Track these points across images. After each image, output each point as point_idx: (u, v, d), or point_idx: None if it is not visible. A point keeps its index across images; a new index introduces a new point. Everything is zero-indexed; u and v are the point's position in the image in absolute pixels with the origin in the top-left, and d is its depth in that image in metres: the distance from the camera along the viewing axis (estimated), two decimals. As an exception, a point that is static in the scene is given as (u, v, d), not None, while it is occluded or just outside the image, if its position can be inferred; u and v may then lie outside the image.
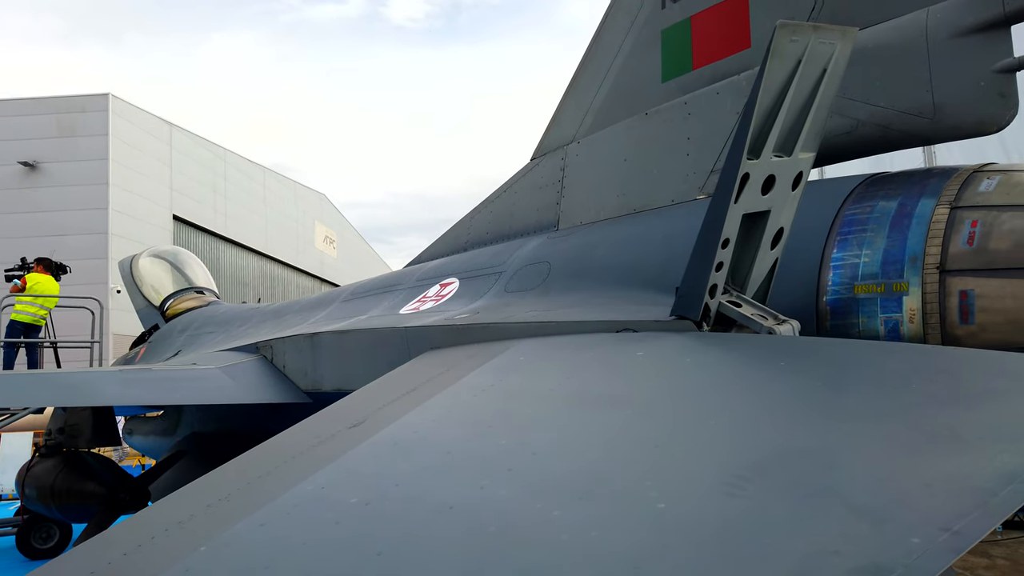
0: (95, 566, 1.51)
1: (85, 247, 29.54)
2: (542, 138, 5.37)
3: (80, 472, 5.62)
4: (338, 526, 1.46)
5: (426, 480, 1.68)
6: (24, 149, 32.22)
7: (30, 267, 12.71)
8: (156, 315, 10.42)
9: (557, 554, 1.18)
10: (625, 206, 4.48)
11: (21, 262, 12.93)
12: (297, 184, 52.23)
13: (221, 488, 1.90)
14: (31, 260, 12.84)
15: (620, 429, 1.83)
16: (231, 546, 1.45)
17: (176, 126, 37.60)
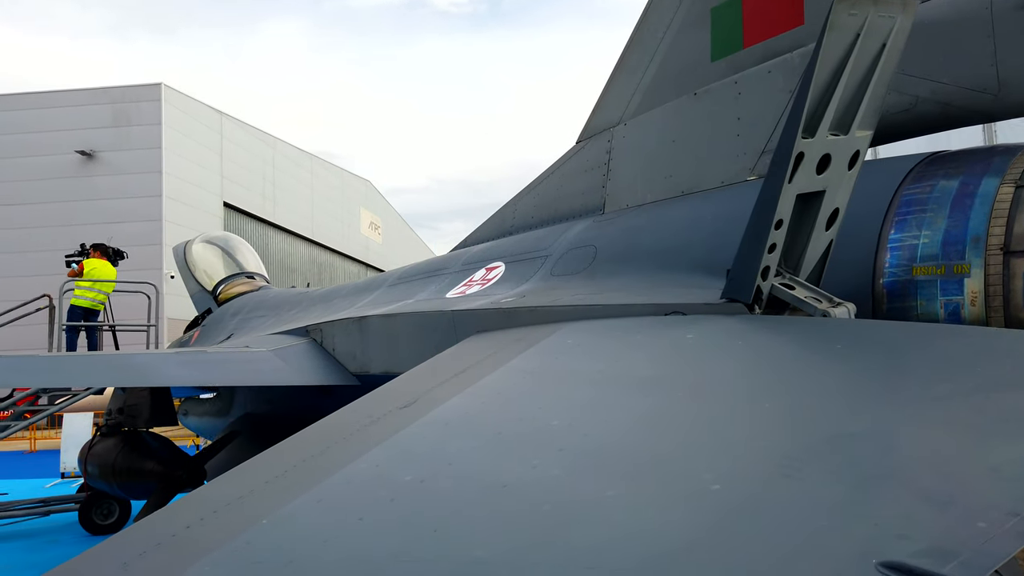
0: (161, 538, 1.56)
1: (140, 234, 30.36)
2: (588, 120, 5.33)
3: (139, 451, 5.82)
4: (393, 503, 1.48)
5: (478, 459, 1.69)
6: (81, 138, 33.22)
7: (87, 253, 13.12)
8: (209, 299, 10.68)
9: (612, 532, 1.18)
10: (673, 188, 4.42)
11: (80, 248, 13.37)
12: (343, 171, 52.85)
13: (279, 465, 1.95)
14: (89, 246, 13.25)
15: (671, 411, 1.81)
16: (290, 520, 1.49)
17: (226, 114, 38.30)
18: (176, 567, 1.38)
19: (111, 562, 1.50)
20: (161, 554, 1.49)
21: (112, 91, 33.88)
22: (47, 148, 33.21)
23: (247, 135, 40.38)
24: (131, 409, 6.11)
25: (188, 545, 1.51)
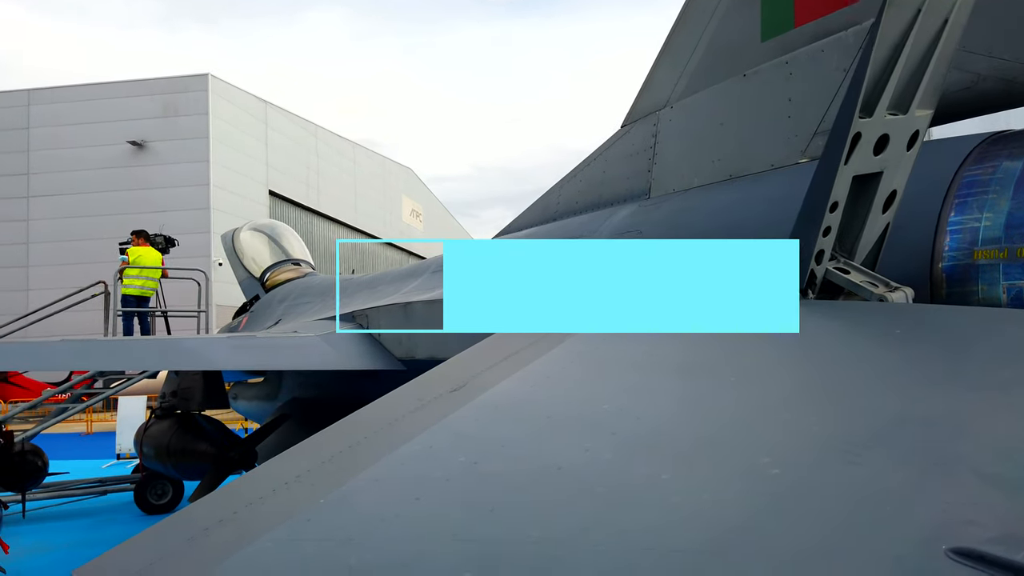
0: (223, 515, 1.61)
1: (188, 222, 31.10)
2: (633, 104, 5.27)
3: (193, 432, 5.99)
4: (448, 483, 1.50)
5: (530, 442, 1.70)
6: (132, 129, 34.10)
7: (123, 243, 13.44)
8: (257, 286, 10.89)
9: (670, 515, 1.17)
10: (721, 172, 4.36)
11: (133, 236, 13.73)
12: (385, 159, 53.26)
13: (333, 446, 1.98)
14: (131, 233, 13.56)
15: (724, 396, 1.79)
16: (348, 499, 1.51)
17: (271, 104, 38.90)
18: (239, 543, 1.41)
19: (177, 536, 1.55)
20: (224, 530, 1.52)
21: (161, 82, 34.66)
22: (100, 139, 34.17)
23: (291, 124, 40.96)
24: (184, 392, 6.29)
25: (250, 522, 1.54)
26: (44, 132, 34.71)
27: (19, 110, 34.93)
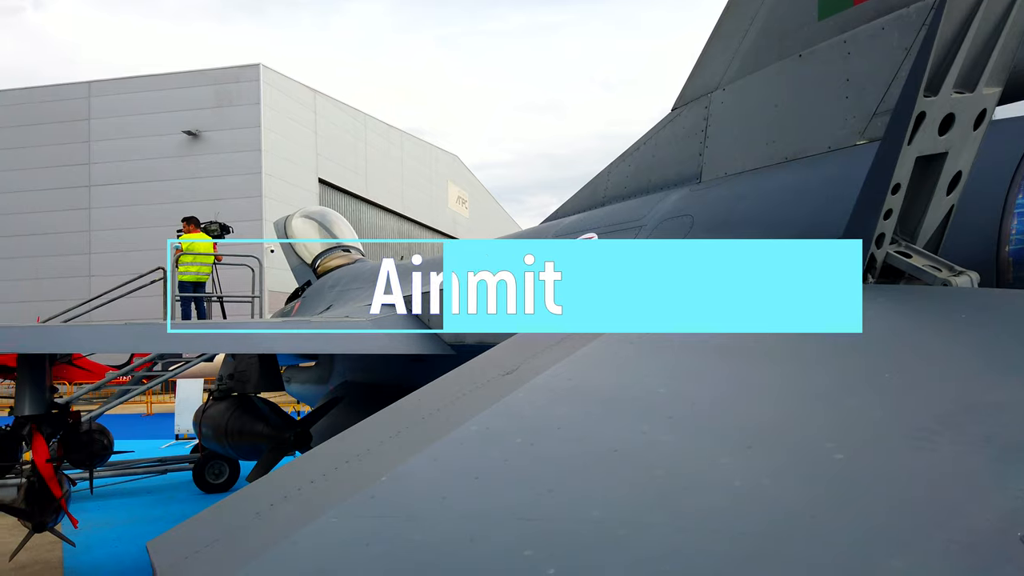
0: (288, 491, 1.66)
1: (241, 210, 31.80)
2: (684, 87, 5.19)
3: (250, 414, 6.16)
4: (506, 463, 1.52)
5: (586, 424, 1.70)
6: (187, 119, 34.94)
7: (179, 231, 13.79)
8: (308, 272, 11.09)
9: (731, 499, 1.17)
10: (775, 155, 4.27)
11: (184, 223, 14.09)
12: (431, 146, 53.53)
13: (391, 426, 2.02)
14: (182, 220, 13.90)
15: (783, 381, 1.77)
16: (409, 478, 1.54)
17: (320, 93, 39.40)
18: (304, 518, 1.46)
19: (245, 511, 1.60)
20: (289, 506, 1.57)
21: (214, 73, 35.40)
22: (156, 129, 35.11)
23: (340, 112, 41.43)
24: (241, 375, 6.47)
25: (313, 498, 1.59)
26: (104, 123, 35.82)
27: (80, 102, 36.10)
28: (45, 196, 35.82)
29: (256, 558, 1.30)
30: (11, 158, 36.15)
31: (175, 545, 1.50)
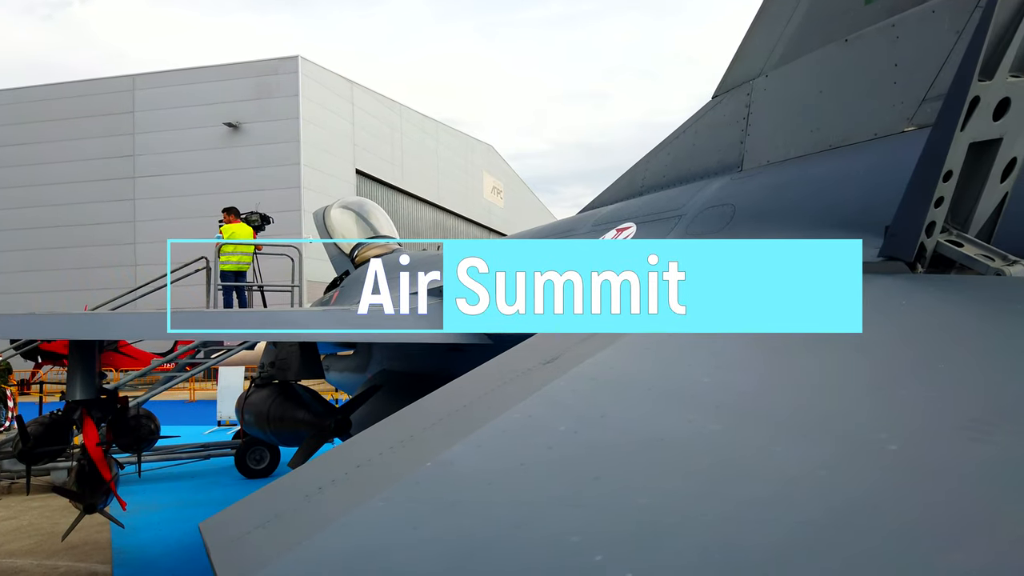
0: (334, 476, 1.68)
1: (280, 200, 32.23)
2: (725, 74, 5.11)
3: (291, 401, 6.26)
4: (551, 451, 1.52)
5: (630, 413, 1.70)
6: (227, 111, 35.51)
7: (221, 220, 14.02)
8: (347, 262, 11.21)
9: (784, 487, 1.16)
10: (819, 142, 4.18)
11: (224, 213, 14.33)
12: (467, 136, 53.60)
13: (434, 413, 2.03)
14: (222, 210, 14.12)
15: (832, 371, 1.75)
16: (454, 464, 1.56)
17: (357, 84, 39.71)
18: (352, 502, 1.48)
19: (294, 494, 1.64)
20: (337, 490, 1.60)
21: (254, 65, 35.89)
22: (198, 121, 35.75)
23: (377, 103, 41.69)
24: (282, 363, 6.58)
25: (360, 483, 1.61)
26: (148, 116, 36.56)
27: (125, 95, 36.90)
28: (92, 187, 36.76)
29: (305, 540, 1.33)
30: (59, 150, 37.14)
31: (227, 526, 1.54)
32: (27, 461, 6.03)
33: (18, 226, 37.48)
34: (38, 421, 6.13)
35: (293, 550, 1.29)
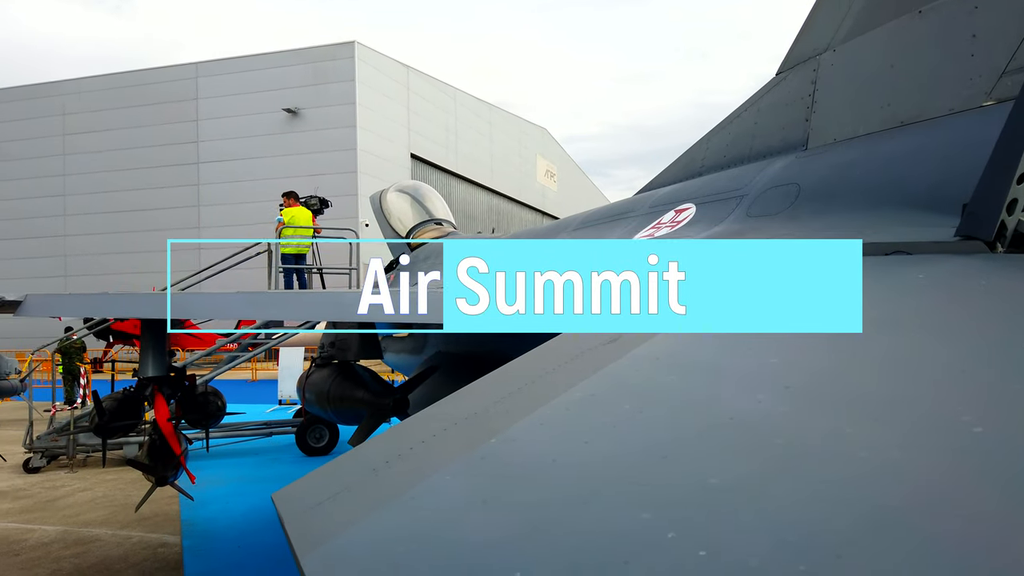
0: (401, 450, 1.71)
1: (337, 185, 32.74)
2: (790, 50, 4.96)
3: (351, 380, 6.39)
4: (616, 429, 1.51)
5: (697, 393, 1.68)
6: (286, 97, 36.18)
7: (281, 204, 14.31)
8: (402, 245, 11.34)
9: (860, 468, 1.13)
10: (890, 119, 4.03)
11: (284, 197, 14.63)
12: (520, 119, 53.42)
13: (496, 391, 2.05)
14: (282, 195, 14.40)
15: (907, 352, 1.69)
16: (518, 440, 1.57)
17: (412, 68, 39.95)
18: (419, 475, 1.50)
19: (362, 468, 1.67)
20: (403, 463, 1.63)
21: (311, 51, 36.43)
22: (258, 107, 36.53)
23: (431, 87, 41.88)
24: (342, 343, 6.71)
25: (426, 457, 1.64)
26: (210, 103, 37.52)
27: (188, 82, 37.93)
28: (159, 173, 38.00)
29: (375, 511, 1.36)
30: (125, 137, 38.48)
31: (298, 497, 1.58)
32: (103, 435, 6.31)
33: (95, 211, 39.07)
34: (112, 397, 6.41)
35: (363, 520, 1.32)
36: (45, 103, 40.02)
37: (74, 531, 8.35)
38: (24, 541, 8.00)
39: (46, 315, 5.13)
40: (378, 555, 1.19)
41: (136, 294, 5.94)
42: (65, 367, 19.06)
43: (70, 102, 39.64)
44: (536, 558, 1.05)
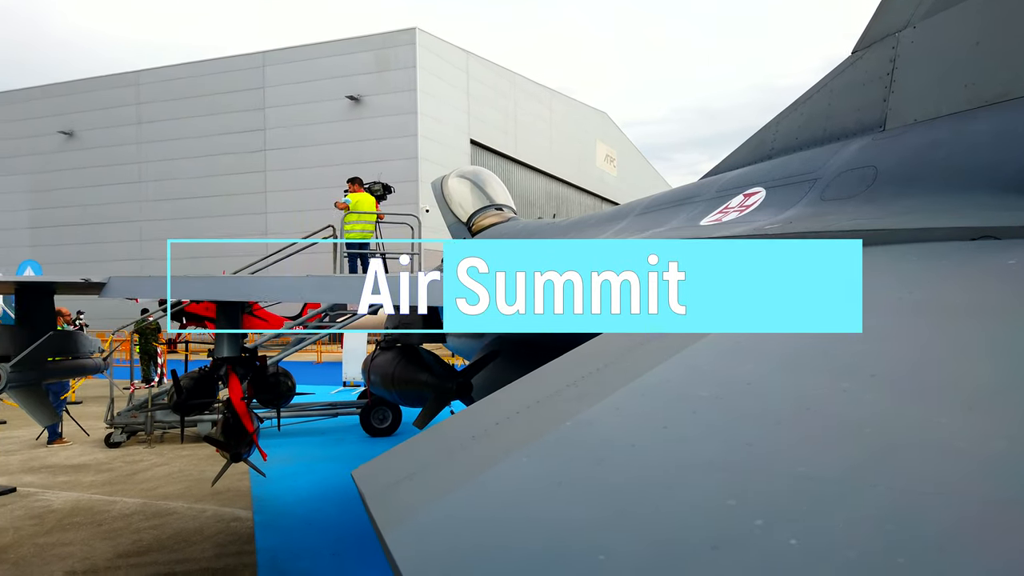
0: (474, 432, 1.73)
1: (398, 171, 33.17)
2: (866, 29, 4.78)
3: (415, 363, 6.47)
4: (695, 415, 1.50)
5: (777, 380, 1.65)
6: (349, 84, 36.72)
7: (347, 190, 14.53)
8: (464, 230, 11.41)
9: (957, 460, 1.09)
10: (975, 98, 3.84)
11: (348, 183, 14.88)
12: (580, 104, 52.97)
13: (566, 376, 2.04)
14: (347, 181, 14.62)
15: (1000, 339, 1.62)
16: (593, 424, 1.57)
17: (472, 54, 40.01)
18: (495, 456, 1.52)
19: (438, 448, 1.70)
20: (479, 445, 1.65)
21: (374, 38, 36.85)
22: (322, 95, 37.19)
23: (491, 73, 41.88)
24: (406, 326, 6.81)
25: (501, 439, 1.65)
26: (276, 91, 38.38)
27: (255, 71, 38.87)
28: (226, 160, 39.14)
29: (454, 490, 1.38)
30: (196, 125, 39.70)
31: (378, 475, 1.62)
32: (181, 412, 6.57)
33: (165, 197, 40.57)
34: (189, 376, 6.66)
35: (443, 499, 1.34)
36: (122, 92, 41.67)
37: (152, 503, 8.75)
38: (107, 512, 8.43)
39: (127, 296, 5.36)
40: (461, 533, 1.20)
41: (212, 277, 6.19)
42: (142, 347, 19.92)
43: (145, 91, 41.13)
44: (620, 541, 1.05)
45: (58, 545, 7.24)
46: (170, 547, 7.15)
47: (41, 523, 8.00)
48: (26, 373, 4.92)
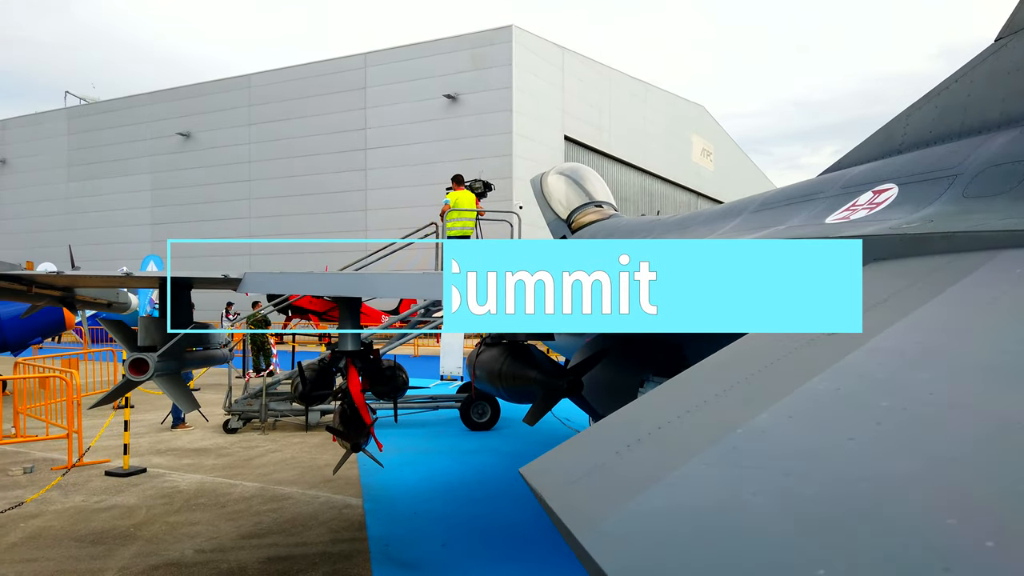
0: (638, 435, 1.74)
1: (493, 168, 33.46)
2: (1014, 12, 4.48)
3: (523, 360, 6.52)
4: (881, 427, 1.45)
5: (964, 391, 1.57)
6: (446, 83, 37.34)
7: (449, 188, 14.79)
8: (563, 227, 11.41)
9: None
10: None
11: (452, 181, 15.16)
12: (676, 97, 51.94)
13: (717, 381, 2.02)
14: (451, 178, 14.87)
15: None
16: (768, 432, 1.54)
17: (567, 50, 39.90)
18: (670, 460, 1.52)
19: (604, 450, 1.71)
20: (645, 448, 1.65)
21: (470, 37, 37.31)
22: (421, 94, 37.97)
23: (586, 68, 41.65)
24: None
25: (669, 443, 1.65)
26: (377, 91, 39.47)
27: (357, 72, 40.09)
28: (330, 159, 40.58)
29: (640, 493, 1.39)
30: (304, 126, 41.33)
31: (548, 472, 1.65)
32: (305, 403, 6.87)
33: (273, 194, 42.47)
34: (311, 367, 6.95)
35: (633, 501, 1.35)
36: (235, 95, 43.88)
37: (270, 488, 9.20)
38: (229, 495, 8.92)
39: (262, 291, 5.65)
40: (661, 539, 1.21)
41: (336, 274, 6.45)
42: (253, 338, 20.93)
43: (256, 93, 43.16)
44: (839, 557, 1.03)
45: (186, 524, 7.72)
46: (288, 530, 7.51)
47: (170, 503, 8.55)
48: (169, 362, 5.27)
